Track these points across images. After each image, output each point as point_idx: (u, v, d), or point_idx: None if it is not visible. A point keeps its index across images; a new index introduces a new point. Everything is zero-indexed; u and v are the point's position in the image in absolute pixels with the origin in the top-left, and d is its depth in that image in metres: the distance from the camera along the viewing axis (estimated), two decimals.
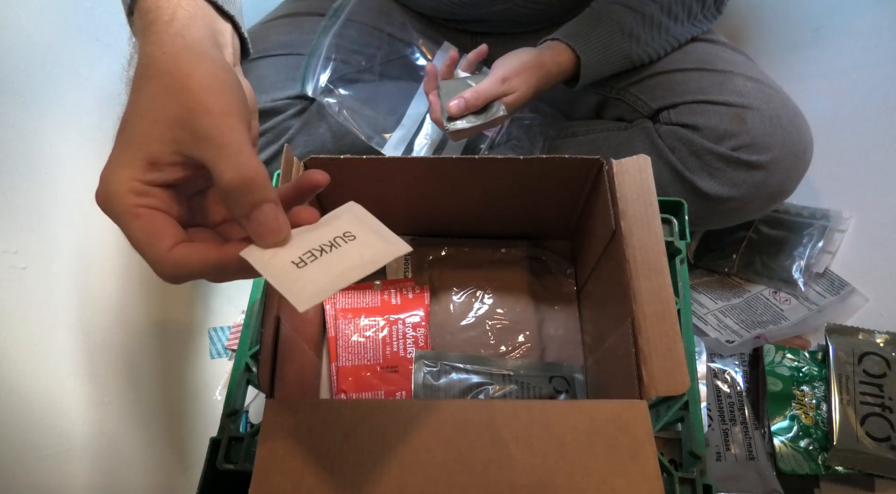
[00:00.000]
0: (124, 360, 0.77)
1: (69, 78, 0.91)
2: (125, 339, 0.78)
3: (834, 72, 0.97)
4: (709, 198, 0.70)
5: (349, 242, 0.34)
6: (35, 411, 0.72)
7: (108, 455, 0.71)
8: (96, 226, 0.85)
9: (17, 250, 0.78)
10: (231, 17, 0.42)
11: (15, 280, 0.77)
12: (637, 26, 0.71)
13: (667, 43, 0.74)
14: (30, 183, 0.83)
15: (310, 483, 0.41)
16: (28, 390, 0.73)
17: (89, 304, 0.80)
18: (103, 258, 0.83)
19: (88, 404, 0.73)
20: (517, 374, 0.61)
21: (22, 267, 0.78)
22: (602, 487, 0.41)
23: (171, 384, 0.76)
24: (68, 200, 0.85)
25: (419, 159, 0.56)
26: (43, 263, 0.80)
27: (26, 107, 0.86)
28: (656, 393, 0.44)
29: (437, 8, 0.76)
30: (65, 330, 0.78)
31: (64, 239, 0.82)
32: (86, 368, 0.76)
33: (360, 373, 0.63)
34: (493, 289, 0.67)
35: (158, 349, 0.78)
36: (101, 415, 0.73)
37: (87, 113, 0.90)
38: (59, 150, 0.86)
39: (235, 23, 0.42)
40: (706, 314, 0.79)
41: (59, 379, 0.74)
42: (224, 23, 0.41)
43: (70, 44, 0.94)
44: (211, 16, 0.40)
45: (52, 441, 0.70)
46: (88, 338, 0.78)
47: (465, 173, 0.57)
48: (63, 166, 0.85)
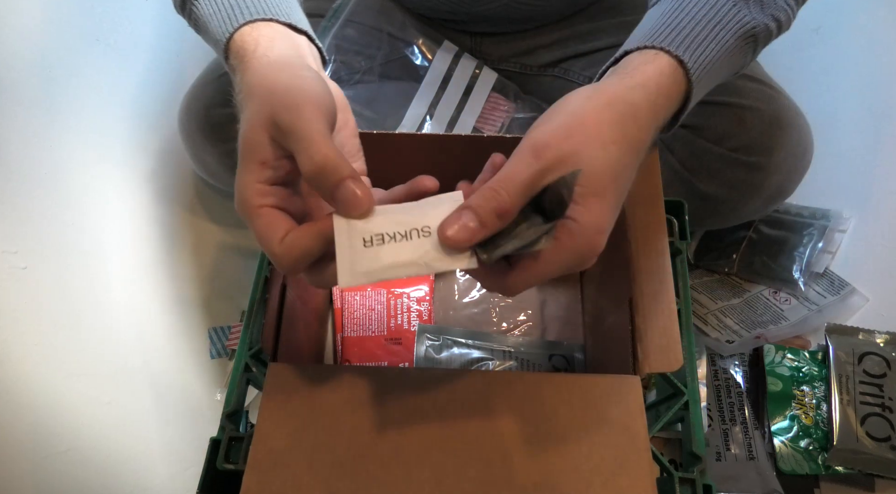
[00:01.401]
0: (124, 360, 0.77)
1: (69, 78, 0.91)
2: (125, 339, 0.78)
3: (834, 72, 0.97)
4: (708, 199, 0.70)
5: (422, 238, 0.35)
6: (35, 411, 0.72)
7: (108, 455, 0.71)
8: (96, 226, 0.85)
9: (17, 250, 0.78)
10: (304, 31, 0.47)
11: (15, 280, 0.77)
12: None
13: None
14: (30, 183, 0.84)
15: (309, 444, 0.42)
16: (28, 390, 0.73)
17: (89, 304, 0.80)
18: (103, 258, 0.83)
19: (88, 404, 0.73)
20: (518, 351, 0.62)
21: (22, 268, 0.77)
22: (592, 456, 0.41)
23: (171, 384, 0.76)
24: (68, 201, 0.85)
25: (430, 136, 0.56)
26: (43, 263, 0.80)
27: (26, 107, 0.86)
28: (650, 370, 0.44)
29: (436, 7, 0.76)
30: (65, 330, 0.78)
31: (64, 239, 0.82)
32: (86, 368, 0.76)
33: (365, 344, 0.65)
34: None
35: (158, 349, 0.78)
36: (101, 415, 0.73)
37: (87, 113, 0.90)
38: (59, 151, 0.86)
39: (310, 36, 0.47)
40: (706, 314, 0.79)
41: (59, 379, 0.74)
42: (300, 37, 0.46)
43: (70, 44, 0.94)
44: (288, 34, 0.45)
45: (52, 441, 0.70)
46: (88, 338, 0.78)
47: (474, 151, 0.58)
48: (63, 167, 0.85)
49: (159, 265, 0.84)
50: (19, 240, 0.78)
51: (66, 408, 0.72)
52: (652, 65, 0.42)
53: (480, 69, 0.77)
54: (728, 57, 0.45)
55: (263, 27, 0.44)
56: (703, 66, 0.43)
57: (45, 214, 0.82)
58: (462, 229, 0.34)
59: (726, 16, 0.44)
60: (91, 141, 0.88)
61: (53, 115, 0.86)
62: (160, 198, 0.88)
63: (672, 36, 0.43)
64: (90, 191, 0.85)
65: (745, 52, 0.47)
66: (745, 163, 0.68)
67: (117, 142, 0.89)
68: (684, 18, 0.44)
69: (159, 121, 0.92)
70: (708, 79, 0.44)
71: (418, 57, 0.78)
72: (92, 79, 0.92)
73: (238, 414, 0.49)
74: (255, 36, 0.43)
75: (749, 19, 0.45)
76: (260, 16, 0.45)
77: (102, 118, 0.90)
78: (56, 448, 0.70)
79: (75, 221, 0.84)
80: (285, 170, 0.37)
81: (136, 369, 0.76)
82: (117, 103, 0.92)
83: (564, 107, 0.40)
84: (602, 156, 0.37)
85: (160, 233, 0.86)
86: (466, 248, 0.35)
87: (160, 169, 0.90)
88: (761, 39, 0.47)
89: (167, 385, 0.76)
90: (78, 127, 0.88)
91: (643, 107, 0.40)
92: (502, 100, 0.77)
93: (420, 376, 0.45)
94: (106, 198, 0.86)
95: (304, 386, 0.44)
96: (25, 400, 0.72)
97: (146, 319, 0.80)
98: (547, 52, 0.78)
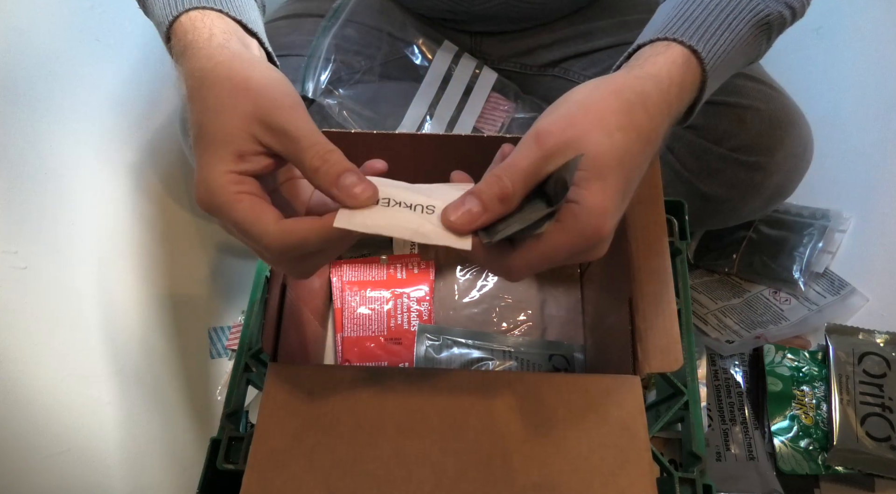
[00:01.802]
0: (124, 360, 0.77)
1: (69, 78, 0.91)
2: (125, 339, 0.78)
3: (834, 72, 0.97)
4: (708, 199, 0.70)
5: (425, 214, 0.36)
6: (35, 411, 0.72)
7: (108, 455, 0.71)
8: (96, 226, 0.85)
9: (16, 250, 0.78)
10: (255, 33, 0.46)
11: (15, 280, 0.77)
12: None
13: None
14: (30, 183, 0.84)
15: (309, 443, 0.42)
16: (28, 390, 0.73)
17: (89, 304, 0.80)
18: (103, 258, 0.83)
19: (88, 404, 0.73)
20: (518, 351, 0.62)
21: (22, 268, 0.78)
22: (591, 457, 0.41)
23: (171, 384, 0.76)
24: (68, 200, 0.85)
25: (430, 136, 0.56)
26: (43, 263, 0.80)
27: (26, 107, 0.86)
28: (650, 370, 0.44)
29: (435, 6, 0.76)
30: (65, 331, 0.78)
31: (64, 239, 0.82)
32: (86, 368, 0.76)
33: (365, 344, 0.65)
34: None
35: (158, 349, 0.78)
36: (101, 415, 0.73)
37: (86, 113, 0.90)
38: (58, 150, 0.86)
39: (259, 39, 0.47)
40: (706, 314, 0.79)
41: (59, 379, 0.74)
42: (251, 39, 0.46)
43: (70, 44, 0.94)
44: (240, 33, 0.44)
45: (52, 441, 0.70)
46: (88, 338, 0.78)
47: (474, 151, 0.58)
48: (63, 166, 0.85)
49: (159, 265, 0.84)
50: (19, 240, 0.78)
51: (66, 408, 0.72)
52: (663, 55, 0.41)
53: (480, 69, 0.77)
54: (742, 45, 0.44)
55: (216, 18, 0.43)
56: (717, 55, 0.42)
57: (45, 214, 0.82)
58: (466, 213, 0.35)
59: (739, 4, 0.44)
60: (91, 141, 0.88)
61: (53, 115, 0.86)
62: (160, 198, 0.88)
63: (684, 27, 0.42)
64: (90, 191, 0.85)
65: (760, 40, 0.46)
66: (746, 162, 0.68)
67: (117, 143, 0.89)
68: (696, 9, 0.43)
69: (160, 121, 0.92)
70: (723, 68, 0.44)
71: (418, 57, 0.78)
72: (92, 79, 0.92)
73: (238, 414, 0.49)
74: (208, 24, 0.42)
75: (762, 6, 0.45)
76: (212, 5, 0.43)
77: (103, 118, 0.90)
78: (56, 448, 0.70)
79: (75, 221, 0.84)
80: (261, 165, 0.37)
81: (136, 369, 0.76)
82: (118, 104, 0.92)
83: (571, 97, 0.40)
84: (606, 142, 0.36)
85: (160, 233, 0.86)
86: (467, 232, 0.36)
87: (160, 169, 0.90)
88: (775, 27, 0.46)
89: (167, 385, 0.76)
90: (78, 127, 0.88)
91: (653, 97, 0.39)
92: (502, 100, 0.77)
93: (420, 376, 0.45)
94: (106, 199, 0.86)
95: (304, 386, 0.44)
96: (25, 400, 0.72)
97: (146, 319, 0.80)
98: (547, 52, 0.78)
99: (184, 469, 0.71)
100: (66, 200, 0.85)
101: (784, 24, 0.48)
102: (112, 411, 0.73)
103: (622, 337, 0.48)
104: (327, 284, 0.68)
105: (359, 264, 0.68)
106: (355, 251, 0.71)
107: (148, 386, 0.75)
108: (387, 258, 0.69)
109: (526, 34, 0.79)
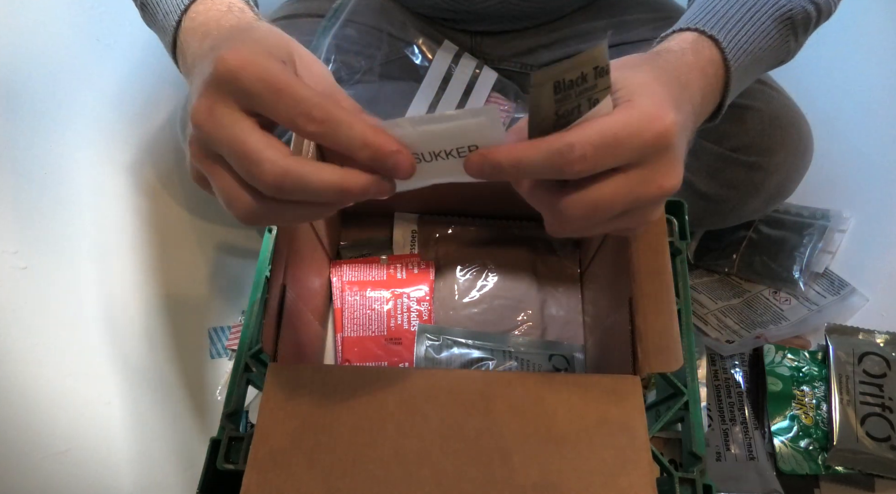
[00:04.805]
0: (124, 360, 0.77)
1: (69, 78, 0.91)
2: (125, 339, 0.78)
3: (834, 72, 0.97)
4: (708, 199, 0.70)
5: (460, 158, 0.36)
6: (35, 411, 0.72)
7: (108, 455, 0.71)
8: (96, 226, 0.85)
9: (16, 250, 0.78)
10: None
11: (15, 280, 0.77)
12: None
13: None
14: (30, 183, 0.84)
15: (309, 443, 0.42)
16: (28, 390, 0.73)
17: (89, 304, 0.80)
18: (103, 258, 0.83)
19: (88, 404, 0.73)
20: (518, 351, 0.62)
21: (22, 268, 0.78)
22: (591, 457, 0.41)
23: (171, 384, 0.76)
24: (68, 200, 0.85)
25: None
26: (43, 263, 0.80)
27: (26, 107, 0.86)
28: (650, 370, 0.44)
29: (435, 6, 0.76)
30: (65, 330, 0.78)
31: (64, 239, 0.83)
32: (86, 368, 0.76)
33: (365, 344, 0.64)
34: (498, 268, 0.68)
35: (158, 349, 0.78)
36: (101, 415, 0.73)
37: (86, 112, 0.90)
38: (59, 151, 0.86)
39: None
40: (706, 314, 0.79)
41: (59, 378, 0.74)
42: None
43: (70, 44, 0.94)
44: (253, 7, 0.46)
45: (52, 440, 0.70)
46: (88, 338, 0.78)
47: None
48: (64, 167, 0.85)
49: (159, 264, 0.84)
50: (19, 240, 0.78)
51: (66, 408, 0.73)
52: (682, 40, 0.42)
53: (481, 69, 0.77)
54: (766, 40, 0.44)
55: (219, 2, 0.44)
56: (740, 46, 0.42)
57: (45, 214, 0.82)
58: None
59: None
60: (92, 141, 0.88)
61: (54, 115, 0.86)
62: (160, 198, 0.88)
63: (706, 19, 0.43)
64: (90, 191, 0.85)
65: (786, 37, 0.47)
66: (746, 162, 0.68)
67: (118, 143, 0.89)
68: (718, 3, 0.44)
69: (159, 121, 0.92)
70: (749, 65, 0.44)
71: (418, 57, 0.78)
72: (92, 79, 0.92)
73: (238, 414, 0.49)
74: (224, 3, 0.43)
75: (786, 1, 0.45)
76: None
77: (103, 119, 0.90)
78: (56, 448, 0.70)
79: (75, 221, 0.84)
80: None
81: (136, 369, 0.76)
82: (118, 104, 0.92)
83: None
84: (633, 74, 0.34)
85: (160, 233, 0.86)
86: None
87: (160, 169, 0.90)
88: (799, 23, 0.47)
89: (167, 385, 0.76)
90: (78, 127, 0.88)
91: (674, 67, 0.38)
92: (502, 100, 0.77)
93: (420, 376, 0.45)
94: (106, 198, 0.86)
95: (304, 386, 0.44)
96: (25, 400, 0.72)
97: (146, 319, 0.80)
98: (547, 52, 0.78)
99: (184, 468, 0.71)
100: (67, 200, 0.85)
101: (809, 22, 0.48)
102: (112, 411, 0.73)
103: (622, 337, 0.48)
104: (327, 284, 0.68)
105: (359, 264, 0.68)
106: (355, 251, 0.71)
107: (148, 386, 0.75)
108: (387, 258, 0.69)
109: (526, 34, 0.79)
